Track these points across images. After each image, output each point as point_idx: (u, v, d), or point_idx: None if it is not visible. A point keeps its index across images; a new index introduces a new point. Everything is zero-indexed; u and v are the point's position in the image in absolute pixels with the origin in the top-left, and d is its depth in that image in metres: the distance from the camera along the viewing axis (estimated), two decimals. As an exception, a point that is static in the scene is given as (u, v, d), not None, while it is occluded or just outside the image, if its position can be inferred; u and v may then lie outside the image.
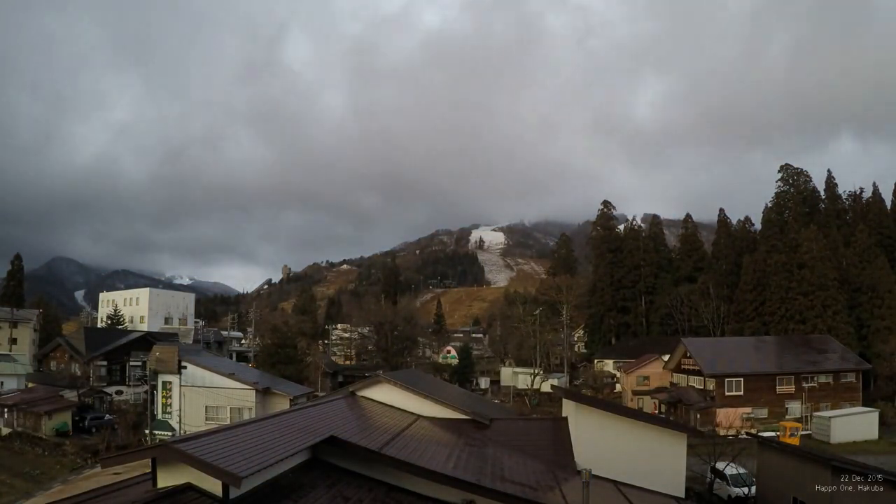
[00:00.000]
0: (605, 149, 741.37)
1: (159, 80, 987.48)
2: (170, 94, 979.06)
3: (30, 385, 62.42)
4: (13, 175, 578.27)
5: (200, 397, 45.06)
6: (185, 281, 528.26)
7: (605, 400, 53.01)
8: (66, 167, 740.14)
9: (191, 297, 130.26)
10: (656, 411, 58.55)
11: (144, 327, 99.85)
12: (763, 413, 53.60)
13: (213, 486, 10.90)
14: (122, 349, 70.51)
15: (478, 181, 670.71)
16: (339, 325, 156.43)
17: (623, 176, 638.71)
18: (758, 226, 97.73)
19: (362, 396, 25.14)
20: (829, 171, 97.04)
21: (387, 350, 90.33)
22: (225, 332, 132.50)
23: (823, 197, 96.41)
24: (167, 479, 11.58)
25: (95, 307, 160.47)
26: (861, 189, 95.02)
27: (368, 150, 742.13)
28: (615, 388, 76.27)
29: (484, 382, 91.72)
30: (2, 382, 64.12)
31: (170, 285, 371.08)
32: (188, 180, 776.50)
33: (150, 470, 12.18)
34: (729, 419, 45.82)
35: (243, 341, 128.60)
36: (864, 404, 54.84)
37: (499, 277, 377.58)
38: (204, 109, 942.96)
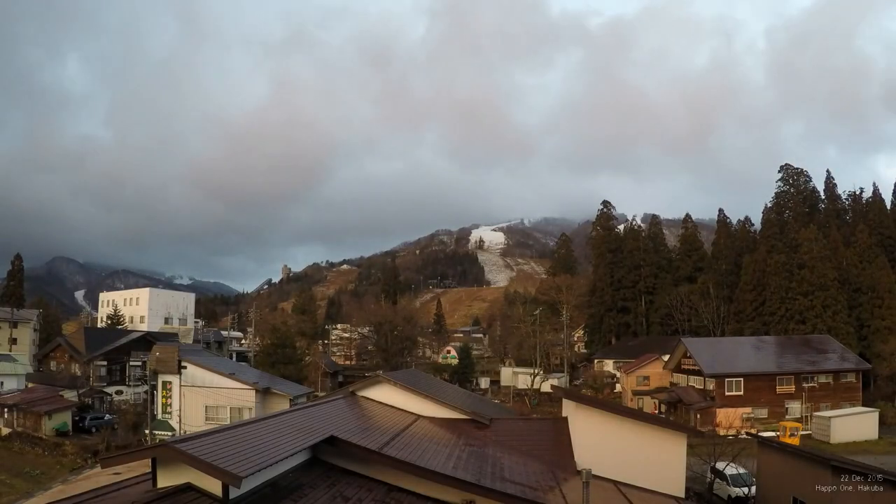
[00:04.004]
0: (605, 148, 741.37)
1: (154, 75, 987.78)
2: (168, 91, 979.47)
3: (30, 385, 62.38)
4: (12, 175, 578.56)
5: (200, 397, 45.02)
6: (185, 281, 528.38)
7: (605, 400, 53.07)
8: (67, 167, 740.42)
9: (191, 297, 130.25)
10: (656, 411, 58.53)
11: (144, 327, 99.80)
12: (763, 413, 53.56)
13: (213, 486, 10.90)
14: (122, 349, 70.51)
15: (478, 181, 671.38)
16: (339, 325, 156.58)
17: (623, 176, 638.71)
18: (758, 226, 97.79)
19: (362, 396, 25.13)
20: (828, 171, 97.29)
21: (387, 350, 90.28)
22: (225, 332, 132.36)
23: (823, 197, 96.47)
24: (167, 479, 11.59)
25: (95, 307, 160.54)
26: (861, 189, 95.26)
27: (368, 150, 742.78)
28: (615, 388, 76.24)
29: (484, 382, 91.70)
30: (2, 382, 64.11)
31: (170, 285, 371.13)
32: (187, 180, 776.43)
33: (150, 470, 12.18)
34: (729, 419, 45.76)
35: (243, 341, 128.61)
36: (864, 404, 54.80)
37: (499, 277, 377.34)
38: (201, 108, 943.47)
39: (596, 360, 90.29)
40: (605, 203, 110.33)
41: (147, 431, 45.24)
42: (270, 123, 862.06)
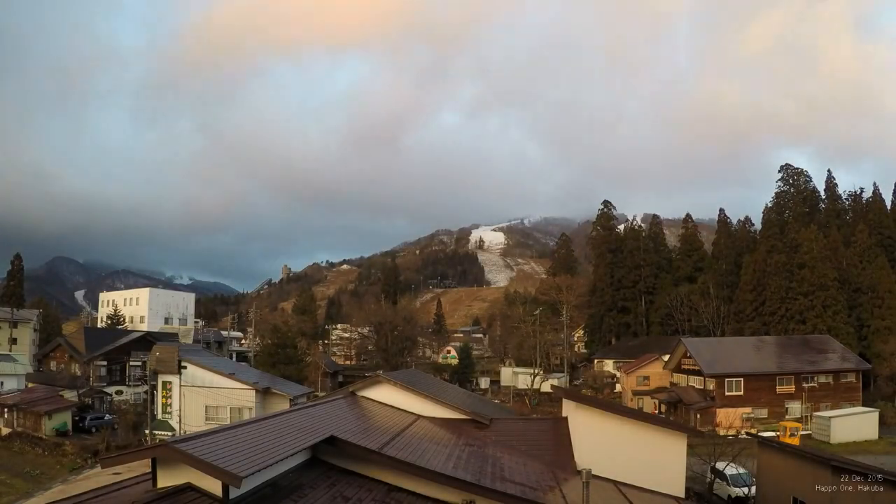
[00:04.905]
0: (605, 148, 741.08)
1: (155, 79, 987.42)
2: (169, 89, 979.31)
3: (30, 385, 62.37)
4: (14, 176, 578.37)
5: (200, 397, 45.01)
6: (185, 281, 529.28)
7: (605, 400, 53.06)
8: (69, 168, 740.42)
9: (191, 297, 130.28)
10: (656, 411, 58.53)
11: (144, 327, 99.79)
12: (763, 413, 53.57)
13: (213, 486, 10.90)
14: (122, 349, 70.46)
15: (478, 181, 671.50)
16: (339, 325, 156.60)
17: (623, 176, 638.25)
18: (758, 226, 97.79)
19: (362, 396, 25.11)
20: (829, 171, 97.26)
21: (387, 350, 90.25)
22: (225, 332, 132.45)
23: (823, 197, 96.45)
24: (167, 479, 11.59)
25: (95, 307, 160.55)
26: (861, 189, 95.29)
27: (370, 151, 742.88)
28: (615, 388, 76.26)
29: (484, 382, 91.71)
30: (2, 382, 64.10)
31: (170, 285, 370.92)
32: (188, 179, 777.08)
33: (150, 470, 12.19)
34: (729, 419, 45.75)
35: (243, 341, 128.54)
36: (864, 404, 54.79)
37: (499, 277, 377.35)
38: (204, 109, 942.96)
39: (596, 360, 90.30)
40: (606, 203, 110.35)
41: (147, 431, 45.23)
42: (272, 123, 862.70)
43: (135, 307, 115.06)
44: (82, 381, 62.98)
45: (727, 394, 53.81)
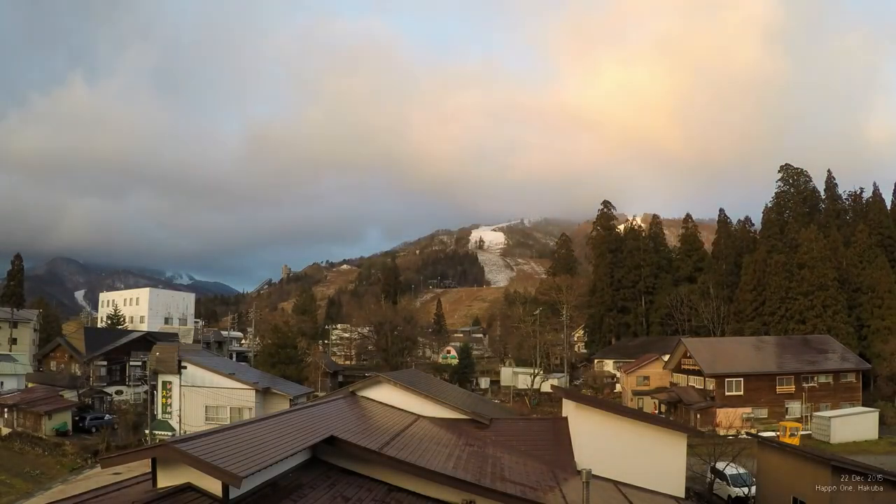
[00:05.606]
0: (605, 148, 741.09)
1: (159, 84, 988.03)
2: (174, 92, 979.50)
3: (30, 385, 62.37)
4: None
5: (200, 397, 45.04)
6: (185, 281, 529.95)
7: (605, 400, 53.07)
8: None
9: (191, 297, 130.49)
10: (656, 411, 58.53)
11: (144, 327, 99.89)
12: (763, 413, 53.57)
13: (213, 486, 10.91)
14: (122, 349, 70.48)
15: (478, 181, 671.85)
16: (339, 325, 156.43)
17: (623, 176, 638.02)
18: (758, 226, 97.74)
19: (362, 396, 25.12)
20: (829, 171, 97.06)
21: (387, 350, 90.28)
22: (225, 332, 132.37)
23: (823, 197, 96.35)
24: (167, 479, 11.60)
25: (95, 307, 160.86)
26: (861, 189, 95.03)
27: (369, 151, 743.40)
28: (615, 388, 76.27)
29: (484, 382, 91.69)
30: (2, 382, 64.17)
31: (170, 285, 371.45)
32: (188, 180, 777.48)
33: (150, 470, 12.19)
34: (729, 419, 45.78)
35: (243, 341, 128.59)
36: (864, 404, 54.83)
37: (499, 277, 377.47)
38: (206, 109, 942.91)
39: (596, 360, 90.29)
40: (605, 203, 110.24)
41: (147, 431, 45.26)
42: (271, 123, 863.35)
43: (135, 307, 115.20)
44: (82, 381, 62.99)
45: (727, 394, 53.82)
